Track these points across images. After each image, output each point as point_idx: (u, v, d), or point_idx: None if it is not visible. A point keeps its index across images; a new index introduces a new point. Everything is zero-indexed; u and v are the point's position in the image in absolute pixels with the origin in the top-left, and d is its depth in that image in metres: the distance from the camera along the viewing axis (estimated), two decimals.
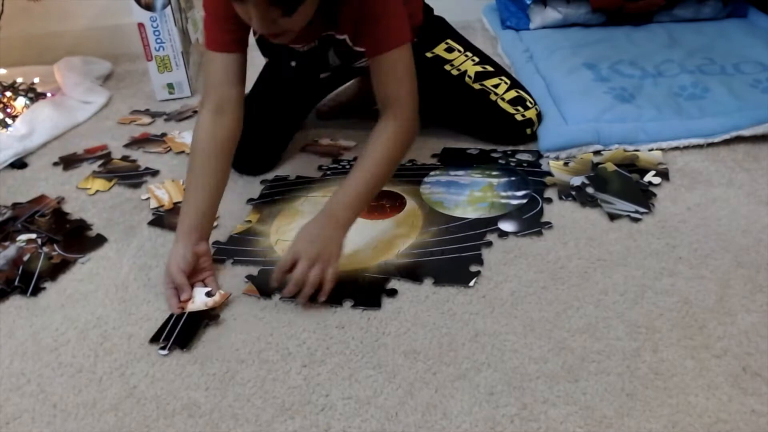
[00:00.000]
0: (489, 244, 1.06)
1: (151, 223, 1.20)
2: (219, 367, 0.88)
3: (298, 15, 0.93)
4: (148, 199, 1.29)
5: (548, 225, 1.10)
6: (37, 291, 1.06)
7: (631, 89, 1.41)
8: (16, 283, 1.07)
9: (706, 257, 1.00)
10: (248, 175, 1.32)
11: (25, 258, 1.13)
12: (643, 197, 1.14)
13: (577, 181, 1.20)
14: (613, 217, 1.10)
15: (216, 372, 0.87)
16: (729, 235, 1.04)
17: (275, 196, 1.25)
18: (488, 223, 1.11)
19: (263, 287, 1.01)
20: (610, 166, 1.22)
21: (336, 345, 0.90)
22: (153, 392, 0.85)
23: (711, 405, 0.77)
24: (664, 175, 1.20)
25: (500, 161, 1.28)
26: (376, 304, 0.96)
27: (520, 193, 1.18)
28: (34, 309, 1.02)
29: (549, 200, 1.16)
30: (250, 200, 1.24)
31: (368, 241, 1.09)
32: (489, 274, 1.00)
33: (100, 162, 1.44)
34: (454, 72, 1.35)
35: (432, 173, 1.27)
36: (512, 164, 1.27)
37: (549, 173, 1.23)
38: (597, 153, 1.28)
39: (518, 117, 1.32)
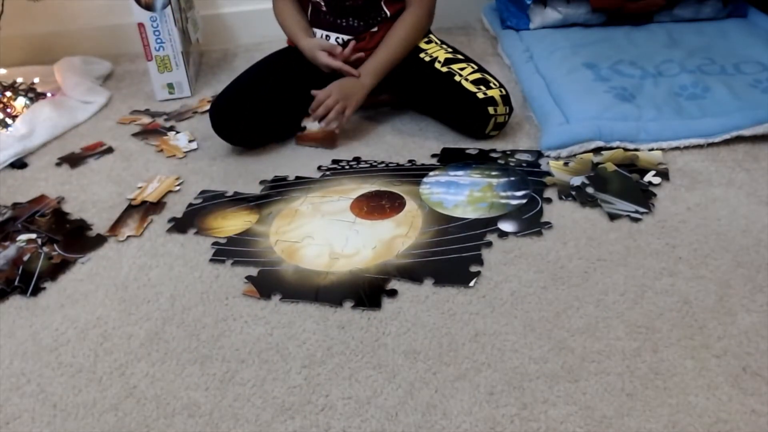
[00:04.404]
0: (489, 244, 1.06)
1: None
2: (219, 367, 0.88)
3: None
4: (140, 188, 1.31)
5: (548, 225, 1.10)
6: (37, 291, 1.06)
7: (632, 89, 1.41)
8: (16, 283, 1.08)
9: (706, 257, 1.00)
10: (225, 139, 1.41)
11: (25, 258, 1.13)
12: (643, 197, 1.14)
13: (577, 181, 1.20)
14: (613, 217, 1.10)
15: (216, 372, 0.87)
16: (729, 235, 1.04)
17: (274, 197, 1.25)
18: (488, 224, 1.11)
19: (263, 288, 1.01)
20: (610, 166, 1.22)
21: (336, 345, 0.90)
22: (153, 392, 0.85)
23: (711, 405, 0.77)
24: (664, 175, 1.20)
25: (499, 161, 1.28)
26: (376, 304, 0.96)
27: (519, 193, 1.18)
28: (34, 309, 1.02)
29: (549, 200, 1.16)
30: (249, 201, 1.24)
31: (368, 241, 1.09)
32: (489, 274, 1.00)
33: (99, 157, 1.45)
34: (427, 58, 1.42)
35: (431, 173, 1.27)
36: (511, 164, 1.27)
37: (548, 173, 1.24)
38: (597, 153, 1.28)
39: (480, 95, 1.33)
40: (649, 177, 1.19)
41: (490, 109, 1.33)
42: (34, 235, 1.19)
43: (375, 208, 1.18)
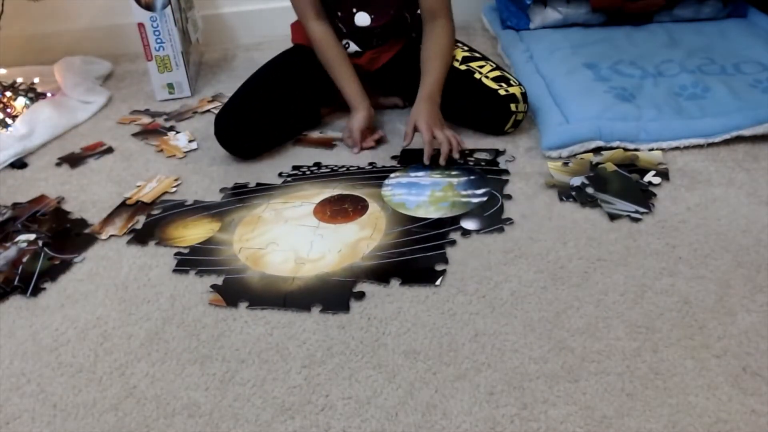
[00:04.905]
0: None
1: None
2: (219, 367, 0.88)
3: None
4: (138, 187, 1.31)
5: (509, 221, 1.10)
6: (37, 291, 1.06)
7: (632, 89, 1.41)
8: (15, 283, 1.08)
9: (706, 257, 1.00)
10: (234, 153, 1.38)
11: (25, 258, 1.13)
12: (643, 197, 1.14)
13: (576, 181, 1.20)
14: (613, 217, 1.10)
15: (216, 372, 0.87)
16: (729, 235, 1.04)
17: (235, 204, 1.24)
18: (451, 223, 1.12)
19: (229, 296, 1.00)
20: (610, 166, 1.22)
21: (336, 345, 0.90)
22: (153, 392, 0.85)
23: (711, 405, 0.77)
24: (664, 175, 1.20)
25: (459, 161, 1.29)
26: (344, 308, 0.96)
27: (480, 192, 1.19)
28: (34, 309, 1.02)
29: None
30: (210, 209, 1.23)
31: (333, 245, 1.09)
32: (489, 274, 1.00)
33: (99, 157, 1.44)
34: None
35: (392, 175, 1.27)
36: (470, 163, 1.28)
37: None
38: (597, 153, 1.28)
39: (501, 92, 1.34)
40: (649, 177, 1.19)
41: (512, 106, 1.34)
42: (34, 236, 1.19)
43: (338, 211, 1.18)
